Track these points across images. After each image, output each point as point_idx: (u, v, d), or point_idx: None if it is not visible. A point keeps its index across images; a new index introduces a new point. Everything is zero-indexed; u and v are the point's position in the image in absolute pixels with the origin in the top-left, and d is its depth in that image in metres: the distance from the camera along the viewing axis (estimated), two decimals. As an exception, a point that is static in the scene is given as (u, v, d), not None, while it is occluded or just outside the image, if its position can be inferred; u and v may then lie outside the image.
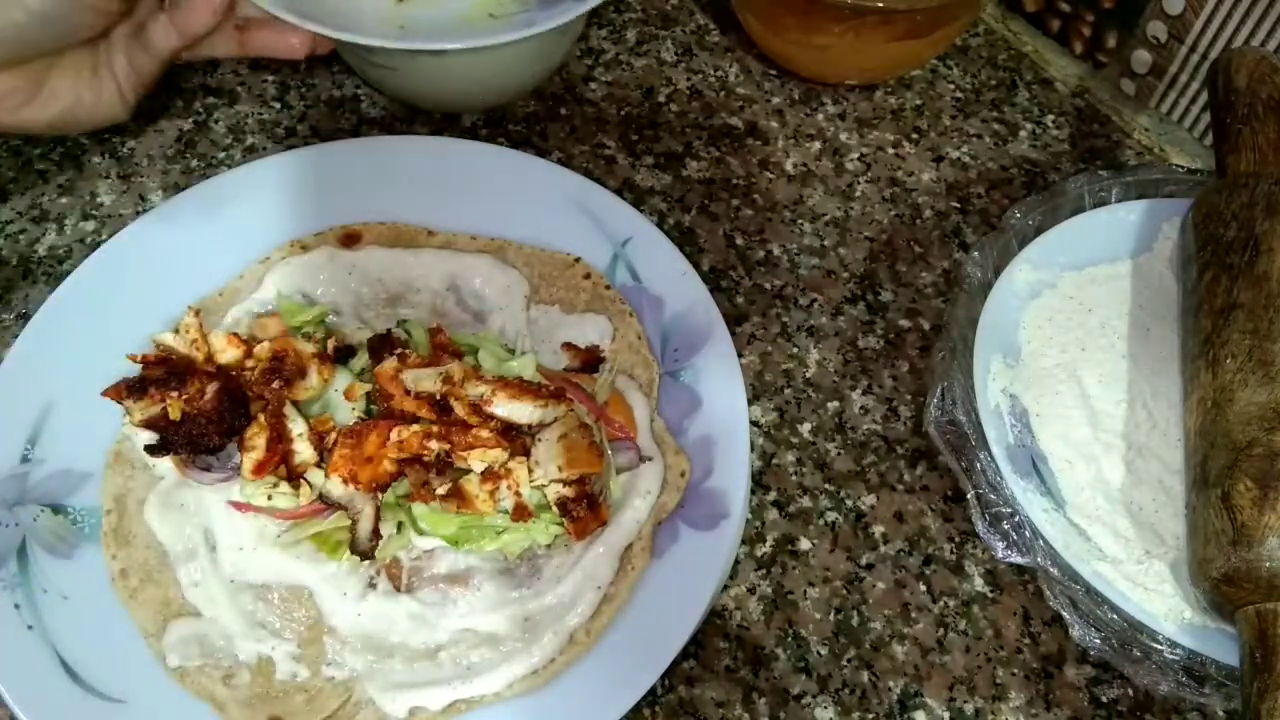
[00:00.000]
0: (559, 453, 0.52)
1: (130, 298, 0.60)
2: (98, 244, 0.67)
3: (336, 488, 0.52)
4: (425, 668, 0.50)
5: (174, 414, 0.52)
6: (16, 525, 0.53)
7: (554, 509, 0.52)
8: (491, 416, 0.53)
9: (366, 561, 0.52)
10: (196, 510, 0.54)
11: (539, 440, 0.53)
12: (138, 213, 0.69)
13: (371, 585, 0.52)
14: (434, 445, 0.52)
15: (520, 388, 0.53)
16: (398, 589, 0.52)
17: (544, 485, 0.52)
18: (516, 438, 0.53)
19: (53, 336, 0.58)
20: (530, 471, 0.52)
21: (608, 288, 0.61)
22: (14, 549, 0.52)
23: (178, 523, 0.54)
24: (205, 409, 0.52)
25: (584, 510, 0.52)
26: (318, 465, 0.52)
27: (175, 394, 0.53)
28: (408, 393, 0.53)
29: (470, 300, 0.62)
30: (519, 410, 0.53)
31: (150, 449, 0.53)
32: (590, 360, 0.59)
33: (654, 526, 0.54)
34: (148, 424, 0.53)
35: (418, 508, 0.52)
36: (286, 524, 0.53)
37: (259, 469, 0.52)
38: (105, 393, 0.53)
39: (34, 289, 0.65)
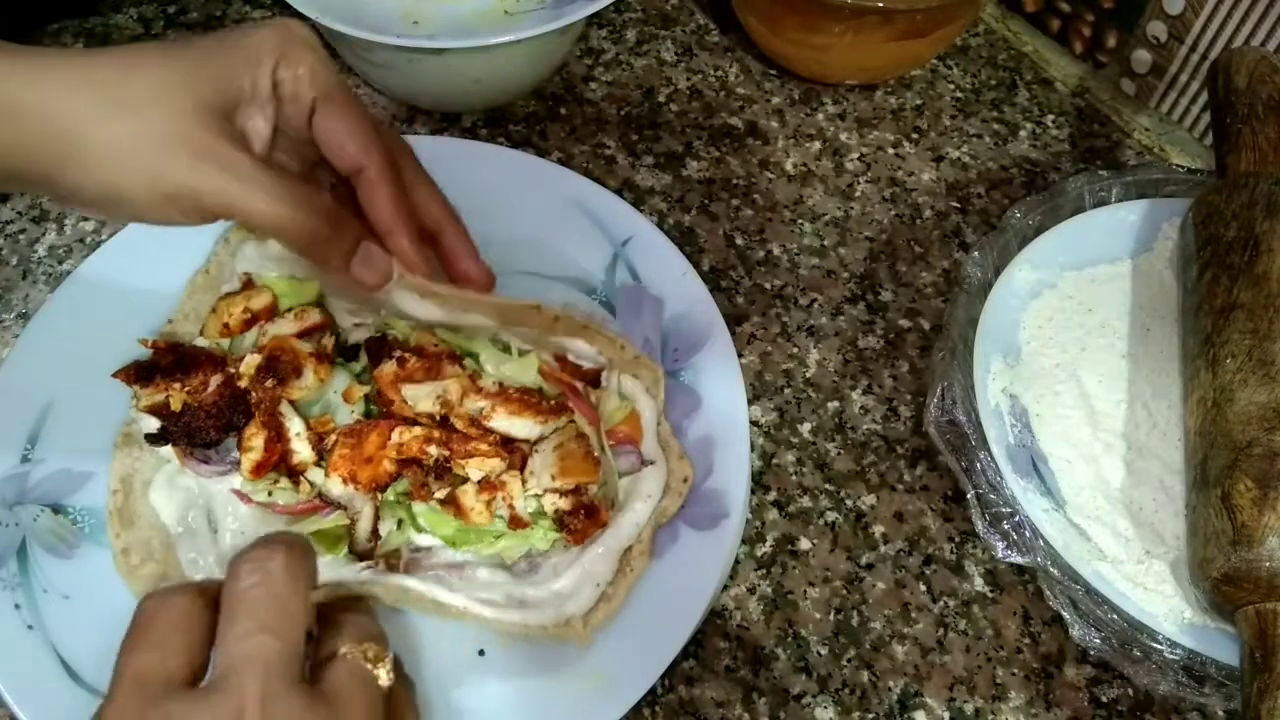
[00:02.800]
0: (553, 462, 0.52)
1: (130, 297, 0.60)
2: (98, 244, 0.67)
3: (336, 487, 0.52)
4: None
5: (175, 405, 0.52)
6: (17, 525, 0.53)
7: (551, 519, 0.52)
8: (491, 431, 0.52)
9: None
10: (200, 494, 0.54)
11: (535, 450, 0.53)
12: (138, 213, 0.69)
13: (369, 568, 0.52)
14: (433, 450, 0.52)
15: (521, 402, 0.53)
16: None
17: (540, 495, 0.52)
18: (516, 449, 0.53)
19: (53, 336, 0.58)
20: (524, 482, 0.52)
21: (584, 326, 0.57)
22: (14, 549, 0.52)
23: (182, 505, 0.54)
24: (205, 402, 0.52)
25: (581, 522, 0.52)
26: (317, 464, 0.52)
27: (178, 385, 0.53)
28: (406, 401, 0.53)
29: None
30: (519, 426, 0.52)
31: (149, 437, 0.53)
32: (591, 375, 0.58)
33: (654, 530, 0.53)
34: (151, 410, 0.53)
35: (417, 506, 0.52)
36: (287, 518, 0.53)
37: (257, 469, 0.52)
38: (116, 374, 0.54)
39: (34, 289, 0.65)
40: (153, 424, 0.53)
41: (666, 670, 0.50)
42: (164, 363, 0.54)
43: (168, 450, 0.54)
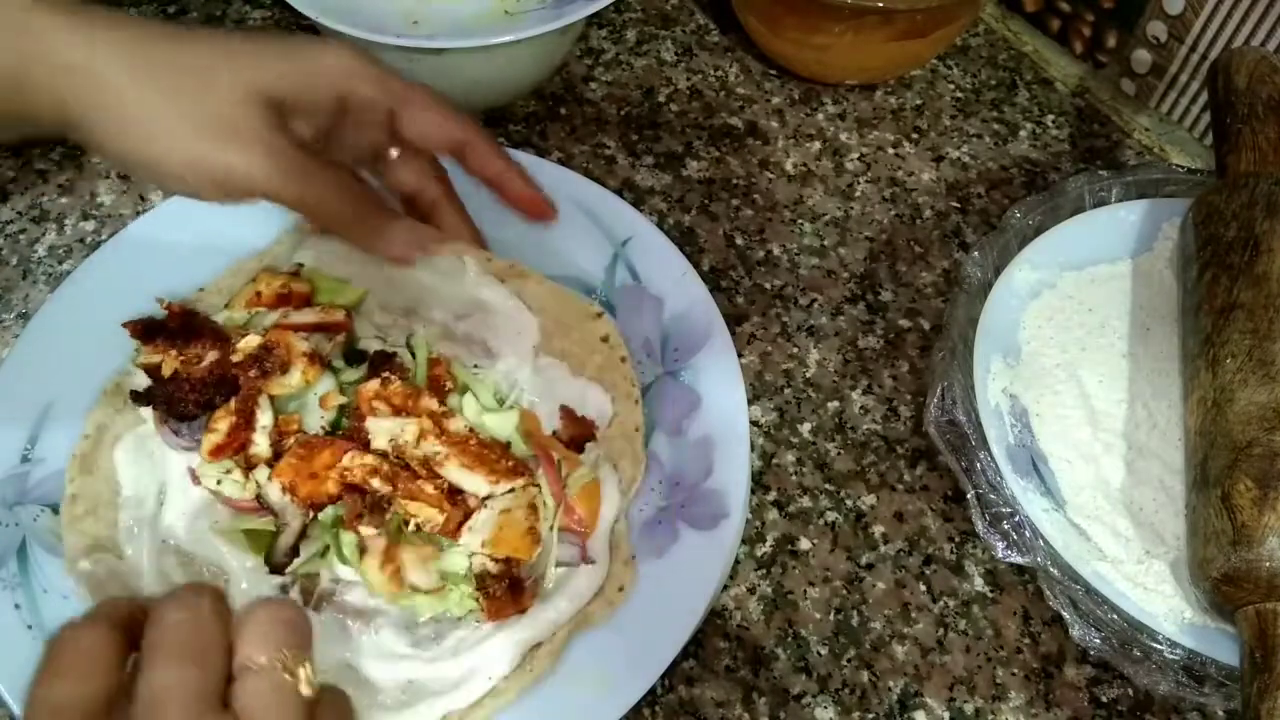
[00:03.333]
0: (492, 528, 0.50)
1: (132, 297, 0.59)
2: (98, 244, 0.67)
3: (274, 493, 0.51)
4: None
5: (166, 369, 0.53)
6: (17, 525, 0.52)
7: (473, 581, 0.50)
8: (440, 477, 0.51)
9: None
10: (161, 463, 0.54)
11: (482, 508, 0.51)
12: (138, 212, 0.69)
13: (283, 590, 0.51)
14: (377, 484, 0.50)
15: (478, 457, 0.51)
16: (305, 604, 0.51)
17: (471, 555, 0.50)
18: (461, 502, 0.51)
19: (53, 336, 0.58)
20: (458, 537, 0.50)
21: (623, 360, 0.58)
22: (14, 549, 0.52)
23: (141, 468, 0.54)
24: (194, 375, 0.52)
25: (503, 591, 0.49)
26: (268, 463, 0.52)
27: (175, 351, 0.53)
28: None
29: (480, 330, 0.60)
30: (469, 480, 0.51)
31: (135, 395, 0.53)
32: (581, 437, 0.56)
33: (570, 633, 0.51)
34: (146, 369, 0.53)
35: (346, 537, 0.51)
36: (229, 510, 0.53)
37: (216, 452, 0.51)
38: (126, 324, 0.54)
39: (34, 289, 0.65)
40: (142, 381, 0.54)
41: (666, 670, 0.50)
42: (172, 325, 0.54)
43: (148, 412, 0.54)
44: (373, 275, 0.60)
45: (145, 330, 0.54)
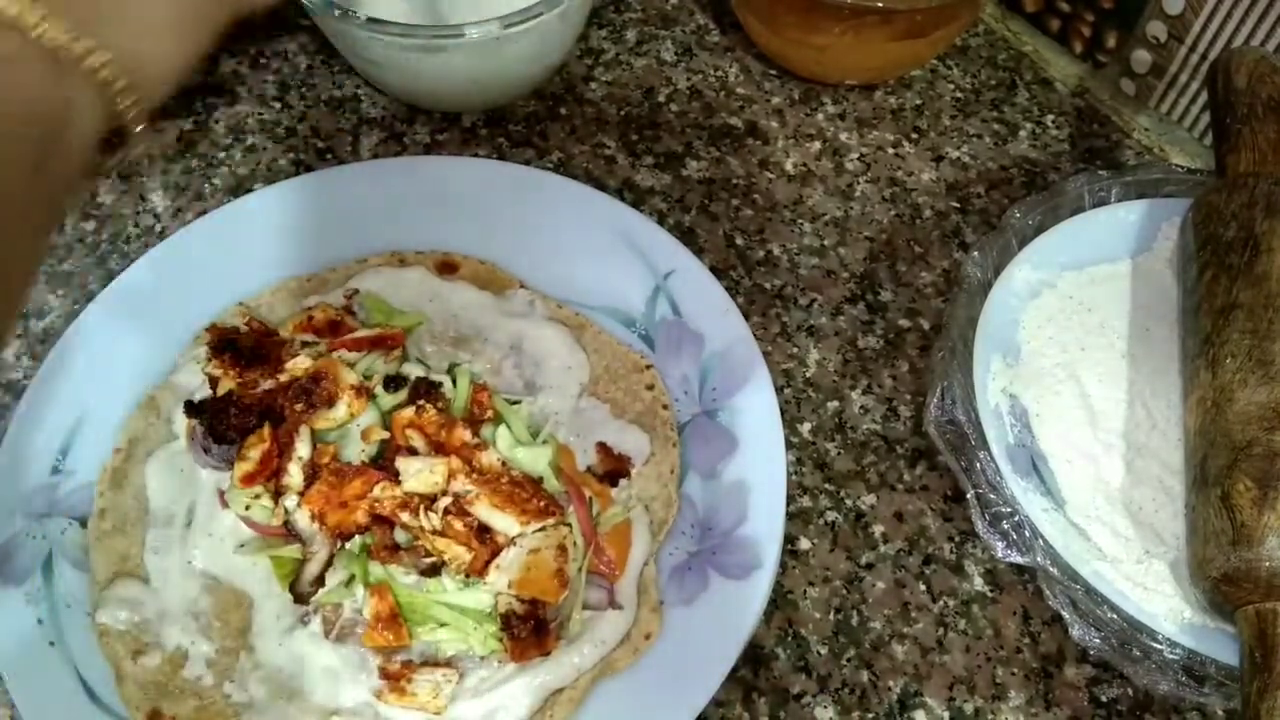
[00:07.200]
0: (519, 568, 0.49)
1: (166, 311, 0.59)
2: (98, 244, 0.67)
3: (303, 521, 0.50)
4: None
5: (221, 387, 0.52)
6: (44, 538, 0.52)
7: (498, 620, 0.50)
8: (470, 515, 0.51)
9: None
10: (191, 482, 0.54)
11: (511, 545, 0.50)
12: (137, 213, 0.69)
13: (303, 621, 0.51)
14: (407, 518, 0.50)
15: (509, 496, 0.51)
16: (326, 635, 0.50)
17: (497, 594, 0.50)
18: (491, 540, 0.51)
19: (89, 346, 0.58)
20: (485, 575, 0.50)
21: (665, 407, 0.58)
22: (40, 562, 0.51)
23: (171, 487, 0.54)
24: (243, 400, 0.52)
25: (528, 632, 0.49)
26: (300, 492, 0.51)
27: (235, 371, 0.52)
28: (413, 451, 0.52)
29: (528, 367, 0.60)
30: (500, 519, 0.50)
31: (188, 405, 0.53)
32: (615, 471, 0.56)
33: (593, 680, 0.50)
34: (210, 378, 0.54)
35: (375, 567, 0.51)
36: (257, 536, 0.53)
37: (247, 479, 0.51)
38: (208, 328, 0.55)
39: (34, 289, 0.65)
40: (192, 387, 0.54)
41: (667, 670, 0.50)
42: (247, 345, 0.53)
43: (180, 427, 0.54)
44: (431, 307, 0.61)
45: (220, 341, 0.53)
